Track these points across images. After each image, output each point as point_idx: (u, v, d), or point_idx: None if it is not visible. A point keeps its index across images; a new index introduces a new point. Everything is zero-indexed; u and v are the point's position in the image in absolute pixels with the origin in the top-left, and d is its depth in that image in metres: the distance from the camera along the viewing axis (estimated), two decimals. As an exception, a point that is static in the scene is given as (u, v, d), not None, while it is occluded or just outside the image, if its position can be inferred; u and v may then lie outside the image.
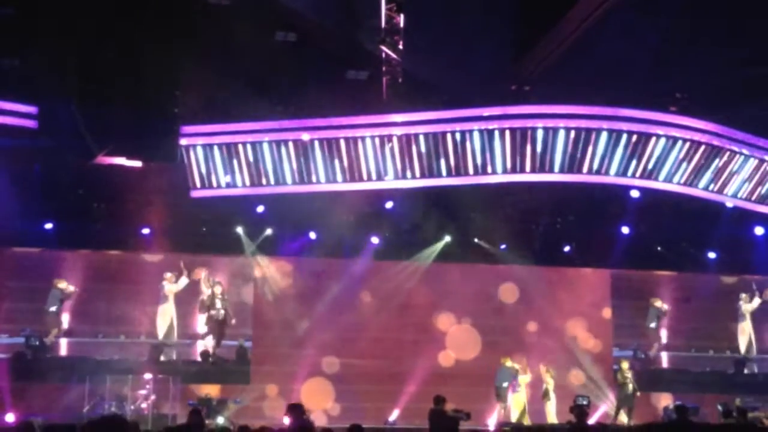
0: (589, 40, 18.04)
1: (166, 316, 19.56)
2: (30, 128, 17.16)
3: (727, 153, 19.55)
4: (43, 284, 19.38)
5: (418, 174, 18.83)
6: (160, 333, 19.53)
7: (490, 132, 18.62)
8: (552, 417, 19.32)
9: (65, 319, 19.79)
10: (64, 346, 19.92)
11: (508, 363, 19.58)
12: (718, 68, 19.06)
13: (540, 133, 18.62)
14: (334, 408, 19.85)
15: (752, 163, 19.88)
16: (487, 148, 18.63)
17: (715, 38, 18.04)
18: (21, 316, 19.58)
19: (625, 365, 19.91)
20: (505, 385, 19.34)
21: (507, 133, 18.61)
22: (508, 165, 18.74)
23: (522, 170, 18.85)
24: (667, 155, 19.13)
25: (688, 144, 19.17)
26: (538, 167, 18.80)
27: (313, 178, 18.74)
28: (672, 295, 22.67)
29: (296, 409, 10.95)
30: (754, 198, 20.30)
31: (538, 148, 18.67)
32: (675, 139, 19.08)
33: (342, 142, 18.61)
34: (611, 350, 21.99)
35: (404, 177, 18.85)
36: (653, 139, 18.96)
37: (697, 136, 19.23)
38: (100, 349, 19.61)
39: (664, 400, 20.81)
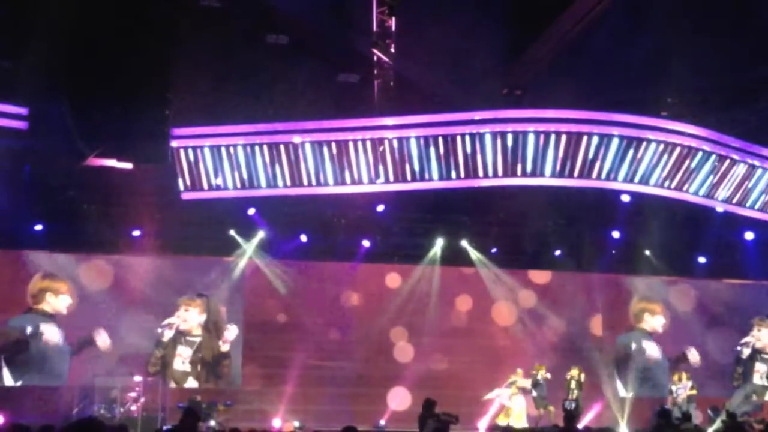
0: (581, 45, 18.07)
1: None
2: (20, 129, 17.08)
3: (718, 158, 19.60)
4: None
5: (409, 177, 18.82)
6: None
7: (482, 136, 18.62)
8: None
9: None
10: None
11: (543, 371, 19.97)
12: (710, 73, 19.11)
13: (531, 137, 18.64)
14: (325, 410, 19.79)
15: (742, 167, 19.93)
16: (478, 151, 18.65)
17: (706, 43, 18.07)
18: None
19: (574, 371, 19.90)
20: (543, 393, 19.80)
21: (498, 137, 18.63)
22: (500, 169, 18.75)
23: (513, 174, 18.87)
24: (658, 160, 19.16)
25: (679, 149, 19.21)
26: (530, 171, 18.82)
27: (305, 181, 18.71)
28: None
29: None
30: (744, 203, 20.36)
31: (530, 152, 18.69)
32: (666, 144, 19.11)
33: (333, 145, 18.59)
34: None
35: (396, 180, 18.85)
36: (644, 143, 18.98)
37: (688, 141, 19.28)
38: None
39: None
